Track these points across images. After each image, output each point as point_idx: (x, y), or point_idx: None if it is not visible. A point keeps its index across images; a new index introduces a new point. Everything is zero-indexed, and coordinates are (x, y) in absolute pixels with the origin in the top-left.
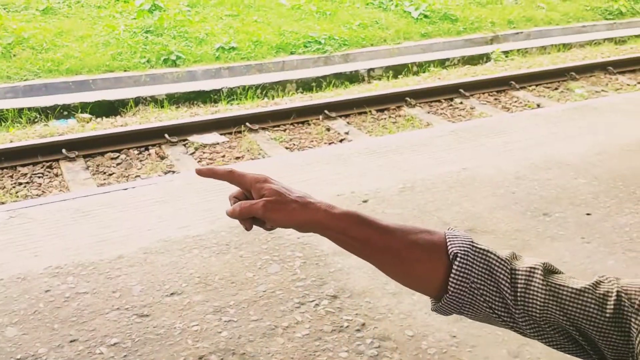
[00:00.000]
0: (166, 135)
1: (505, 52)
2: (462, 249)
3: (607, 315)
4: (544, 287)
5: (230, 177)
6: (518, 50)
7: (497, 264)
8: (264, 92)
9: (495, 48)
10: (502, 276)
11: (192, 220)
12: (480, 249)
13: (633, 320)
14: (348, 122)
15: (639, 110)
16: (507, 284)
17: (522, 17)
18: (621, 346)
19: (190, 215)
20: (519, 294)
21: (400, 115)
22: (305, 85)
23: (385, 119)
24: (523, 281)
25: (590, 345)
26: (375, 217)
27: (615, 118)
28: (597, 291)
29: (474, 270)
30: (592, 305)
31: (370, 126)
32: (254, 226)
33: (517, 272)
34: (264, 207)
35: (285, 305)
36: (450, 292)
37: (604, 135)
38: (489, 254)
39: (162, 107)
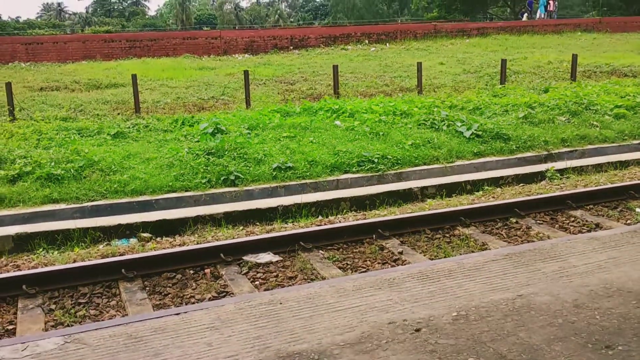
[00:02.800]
0: (221, 255)
1: (560, 171)
2: None
3: None
4: None
5: None
6: (573, 168)
7: None
8: (318, 211)
9: (549, 166)
10: None
11: (241, 349)
12: None
13: None
14: (402, 242)
15: None
16: None
17: (576, 136)
18: None
19: (240, 344)
20: None
21: (454, 235)
22: (359, 204)
23: (439, 238)
24: None
25: None
26: None
27: None
28: None
29: None
30: None
31: (425, 246)
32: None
33: None
34: None
35: None
36: None
37: None
38: None
39: (220, 226)
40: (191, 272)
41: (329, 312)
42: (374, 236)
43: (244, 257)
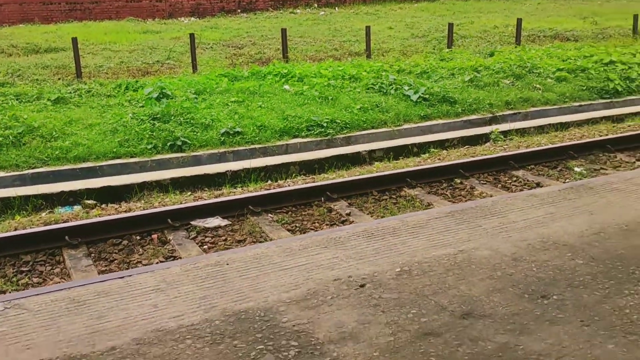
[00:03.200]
0: (168, 220)
1: (504, 133)
2: None
3: None
4: None
5: None
6: (516, 130)
7: None
8: (267, 175)
9: (494, 128)
10: None
11: (187, 309)
12: None
13: None
14: (350, 204)
15: (635, 189)
16: None
17: (519, 98)
18: None
19: (185, 304)
20: None
21: (401, 196)
22: (308, 168)
23: (386, 199)
24: None
25: None
26: None
27: (612, 197)
28: None
29: None
30: None
31: (372, 207)
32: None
33: None
34: None
35: None
36: None
37: (600, 215)
38: None
39: (167, 192)
40: (138, 238)
41: (276, 271)
42: (322, 199)
43: (192, 222)
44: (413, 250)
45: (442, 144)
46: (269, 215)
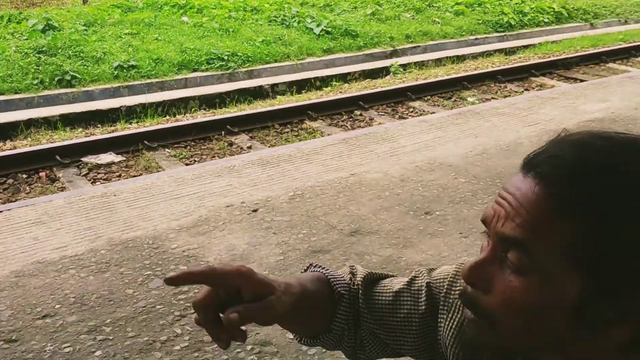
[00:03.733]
0: (57, 157)
1: (404, 66)
2: (344, 289)
3: (422, 309)
4: (365, 310)
5: (210, 275)
6: (415, 63)
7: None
8: (165, 110)
9: (394, 62)
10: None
11: (71, 240)
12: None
13: (441, 307)
14: (251, 137)
15: (517, 113)
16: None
17: (419, 32)
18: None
19: (69, 236)
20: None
21: (302, 129)
22: (209, 102)
23: (288, 132)
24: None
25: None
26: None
27: (496, 121)
28: (412, 287)
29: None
30: (408, 305)
31: (273, 140)
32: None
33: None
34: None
35: (165, 319)
36: (333, 332)
37: (484, 137)
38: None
39: (56, 129)
40: (24, 176)
41: (166, 200)
42: (223, 132)
43: (83, 159)
44: (307, 175)
45: (344, 77)
46: (167, 150)
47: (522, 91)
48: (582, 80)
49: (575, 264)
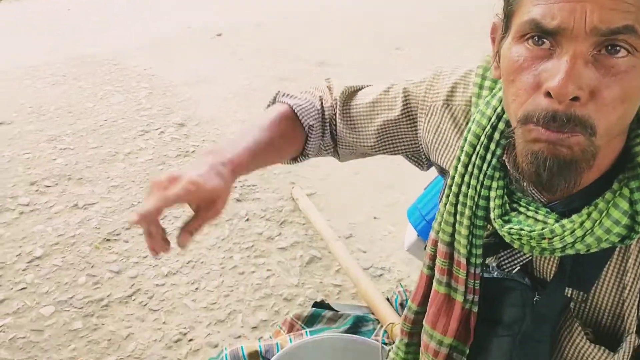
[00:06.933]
0: None
1: None
2: (313, 119)
3: (397, 114)
4: (343, 124)
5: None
6: None
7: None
8: None
9: None
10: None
11: (24, 52)
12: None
13: (419, 111)
14: None
15: None
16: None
17: None
18: (412, 139)
19: (22, 48)
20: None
21: None
22: None
23: None
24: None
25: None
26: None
27: None
28: (389, 95)
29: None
30: (384, 112)
31: None
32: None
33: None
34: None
35: (128, 134)
36: (309, 156)
37: None
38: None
39: None
40: None
41: (124, 17)
42: None
43: None
44: (274, 2)
45: None
46: None
47: None
48: None
49: None
